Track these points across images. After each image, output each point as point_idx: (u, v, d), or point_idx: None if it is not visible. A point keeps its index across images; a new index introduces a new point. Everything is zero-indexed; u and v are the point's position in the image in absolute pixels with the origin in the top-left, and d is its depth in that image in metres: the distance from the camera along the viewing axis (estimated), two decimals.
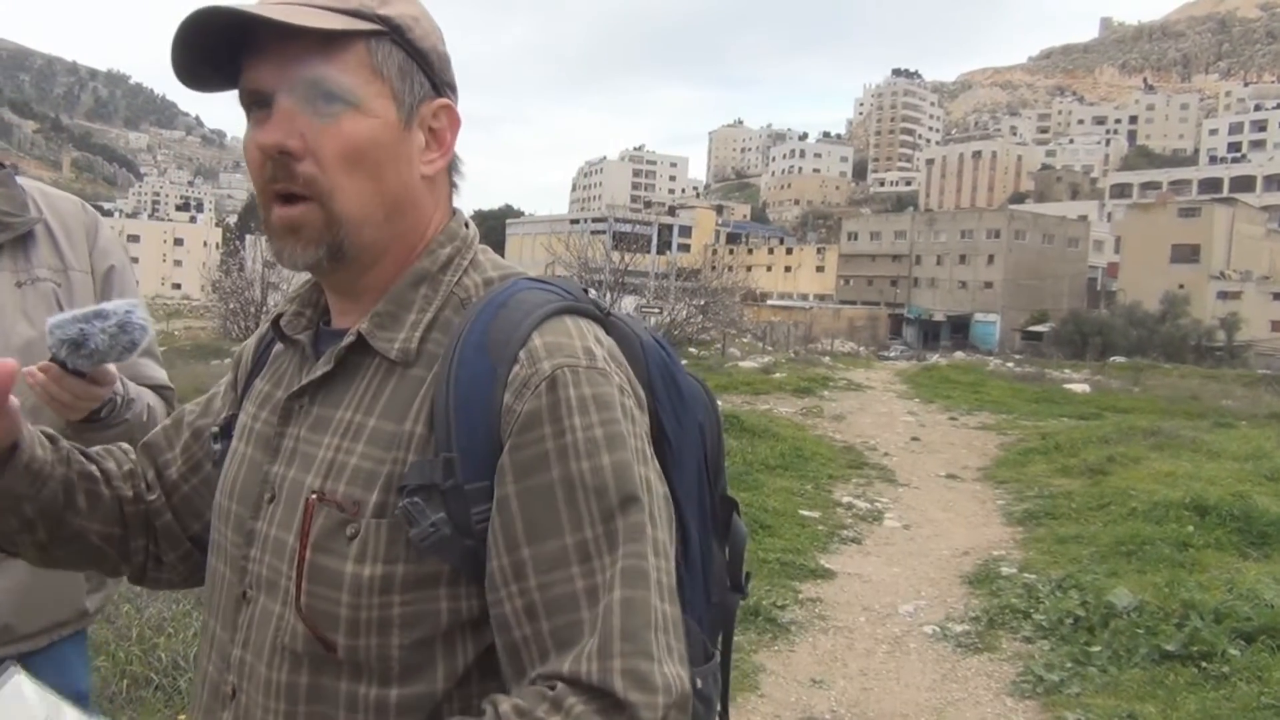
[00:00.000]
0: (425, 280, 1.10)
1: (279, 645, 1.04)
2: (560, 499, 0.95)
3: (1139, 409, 18.90)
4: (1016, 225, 77.96)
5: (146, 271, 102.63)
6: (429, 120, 1.09)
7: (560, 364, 0.98)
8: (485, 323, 1.02)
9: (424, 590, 0.99)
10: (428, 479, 0.97)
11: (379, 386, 1.06)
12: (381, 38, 1.05)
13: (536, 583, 0.94)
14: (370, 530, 1.00)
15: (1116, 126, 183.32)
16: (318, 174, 1.03)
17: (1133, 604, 5.82)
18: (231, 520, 1.14)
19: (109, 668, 3.99)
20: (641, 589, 0.94)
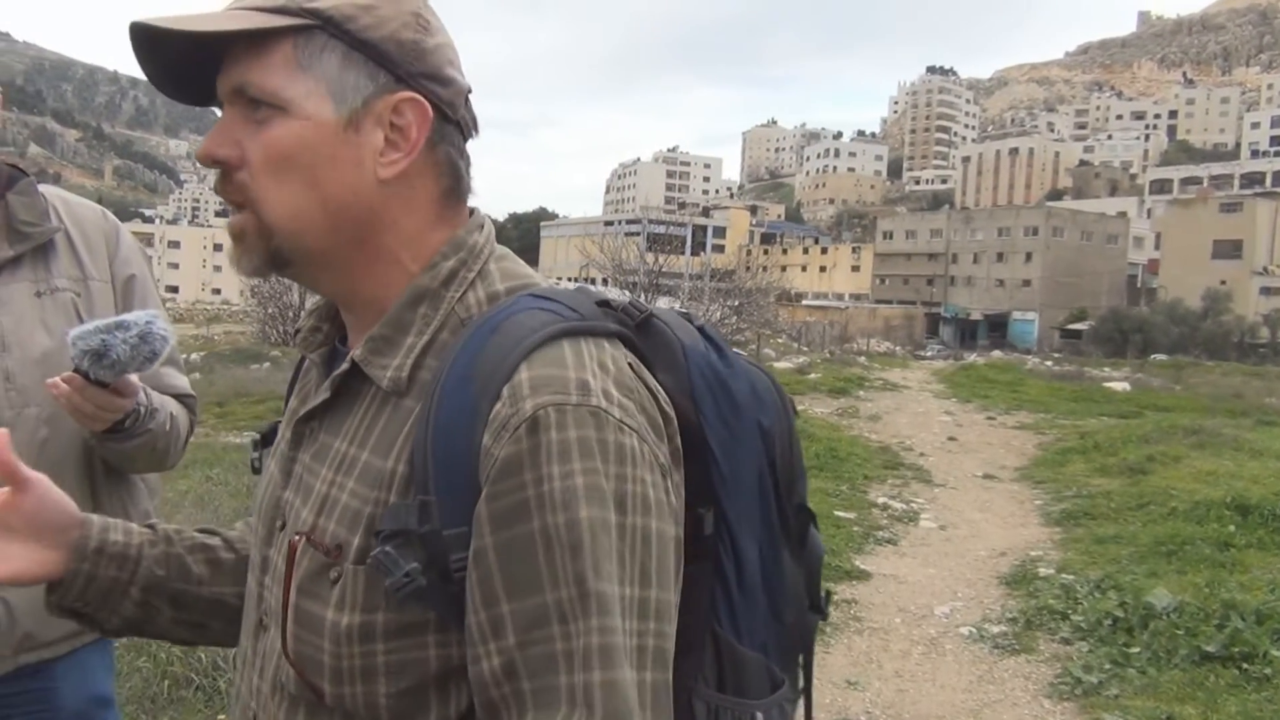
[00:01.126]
0: (425, 298, 1.00)
1: (279, 684, 1.01)
2: (540, 554, 0.86)
3: (1180, 407, 18.67)
4: (1054, 222, 77.19)
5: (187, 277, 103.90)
6: (388, 117, 0.98)
7: (544, 403, 0.88)
8: (474, 351, 0.93)
9: (409, 638, 0.93)
10: (403, 524, 0.90)
11: (374, 417, 0.99)
12: (312, 33, 0.96)
13: (515, 640, 0.87)
14: (350, 576, 0.94)
15: (1156, 121, 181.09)
16: (249, 182, 0.97)
17: (1172, 604, 5.75)
18: (257, 543, 1.10)
19: (150, 668, 4.04)
20: (619, 669, 0.86)
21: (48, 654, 1.79)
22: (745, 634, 1.02)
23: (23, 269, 1.80)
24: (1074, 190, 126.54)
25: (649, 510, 0.90)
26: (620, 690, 0.85)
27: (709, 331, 1.09)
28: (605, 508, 0.88)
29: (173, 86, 1.03)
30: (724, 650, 1.00)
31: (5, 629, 1.73)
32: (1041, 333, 66.31)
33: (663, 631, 0.90)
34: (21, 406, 1.72)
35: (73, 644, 1.83)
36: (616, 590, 0.87)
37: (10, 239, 1.80)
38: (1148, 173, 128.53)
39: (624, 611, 0.87)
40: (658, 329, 1.03)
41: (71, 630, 1.83)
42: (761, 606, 1.04)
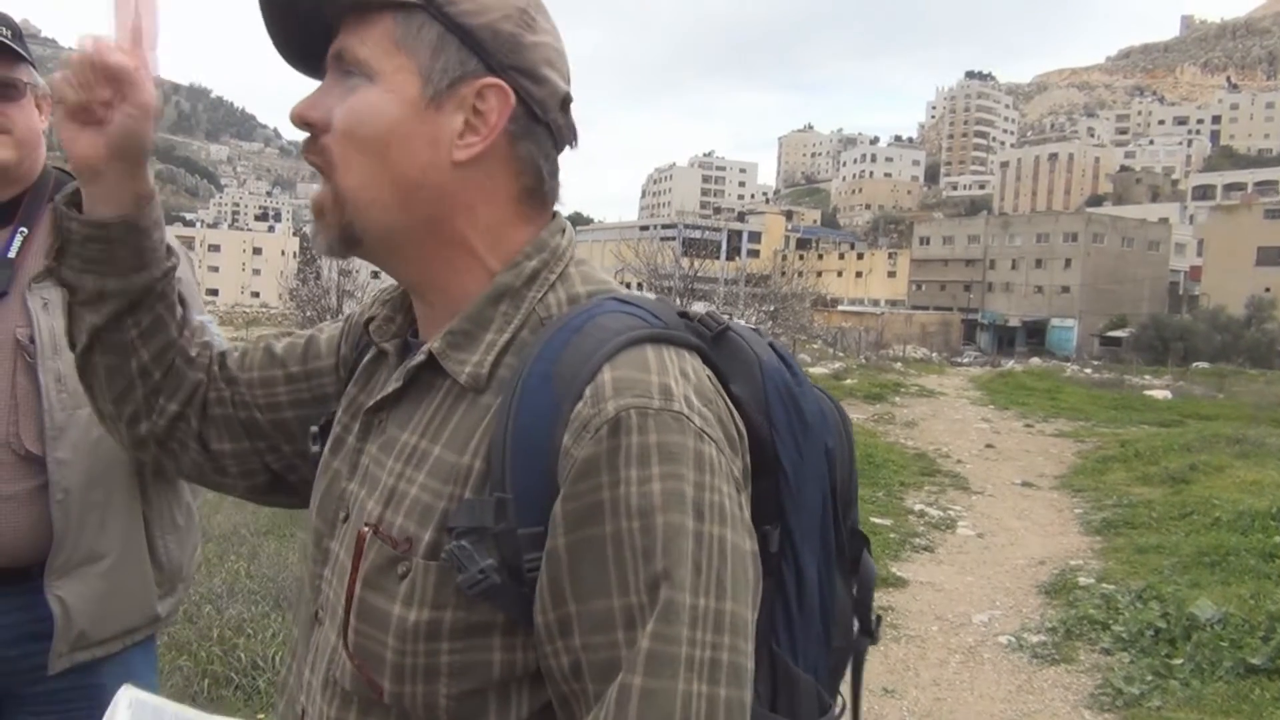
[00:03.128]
0: (507, 296, 1.01)
1: (332, 678, 0.99)
2: (610, 557, 0.86)
3: (1223, 416, 18.41)
4: (1094, 228, 76.44)
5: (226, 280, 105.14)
6: (471, 101, 0.98)
7: (627, 405, 0.87)
8: (556, 350, 0.93)
9: (475, 639, 0.92)
10: (478, 521, 0.90)
11: (448, 411, 0.99)
12: (413, 10, 0.98)
13: (581, 642, 0.87)
14: (419, 571, 0.93)
15: (1199, 127, 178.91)
16: (330, 146, 0.99)
17: (1216, 616, 5.66)
18: (313, 534, 1.10)
19: (191, 667, 4.08)
20: (665, 677, 0.83)
21: (100, 652, 1.82)
22: (800, 655, 1.01)
23: None
24: (1115, 196, 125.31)
25: (726, 521, 0.88)
26: (660, 700, 0.83)
27: (779, 348, 1.08)
28: (684, 514, 0.86)
29: (296, 57, 1.07)
30: (779, 669, 0.99)
31: (62, 627, 1.77)
32: (1081, 340, 65.66)
33: (738, 647, 0.87)
34: (74, 408, 1.74)
35: (123, 643, 1.87)
36: (688, 599, 0.85)
37: None
38: (1190, 178, 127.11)
39: (695, 622, 0.85)
40: (734, 342, 1.02)
41: (121, 630, 1.87)
42: (816, 628, 1.03)
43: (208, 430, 1.23)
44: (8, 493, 1.71)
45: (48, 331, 1.76)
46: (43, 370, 1.75)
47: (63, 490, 1.72)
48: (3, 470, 1.71)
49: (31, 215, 1.84)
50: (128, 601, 1.87)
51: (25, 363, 1.75)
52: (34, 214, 1.84)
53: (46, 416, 1.73)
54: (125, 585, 1.86)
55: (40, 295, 1.79)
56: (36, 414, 1.73)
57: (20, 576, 1.75)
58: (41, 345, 1.75)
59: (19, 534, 1.72)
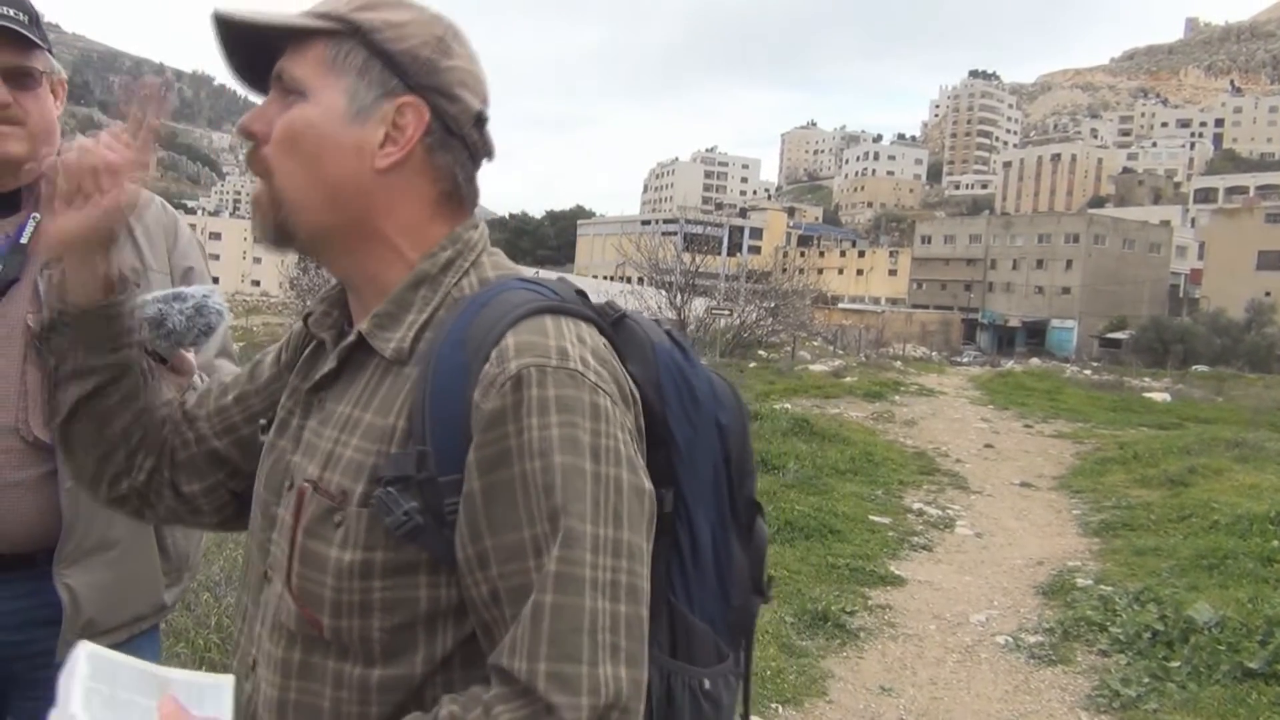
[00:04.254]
0: (425, 282, 1.14)
1: (279, 622, 1.11)
2: (517, 494, 0.99)
3: (1222, 419, 18.40)
4: (1096, 229, 76.41)
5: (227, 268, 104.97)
6: (391, 116, 1.12)
7: (527, 363, 1.01)
8: (466, 321, 1.07)
9: (403, 577, 1.04)
10: (402, 470, 1.03)
11: (377, 384, 1.12)
12: (343, 37, 1.12)
13: (498, 571, 0.99)
14: (353, 518, 1.05)
15: (1202, 130, 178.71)
16: (269, 155, 1.13)
17: (1214, 619, 5.66)
18: (260, 505, 1.22)
19: (188, 654, 4.08)
20: (573, 594, 0.96)
21: (107, 641, 1.81)
22: (697, 606, 1.12)
23: None
24: (1117, 198, 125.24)
25: (620, 462, 1.01)
26: (568, 613, 0.96)
27: (675, 335, 1.21)
28: (580, 456, 0.99)
29: (245, 74, 1.20)
30: (677, 619, 1.11)
31: (70, 615, 1.77)
32: (1080, 341, 65.65)
33: (635, 570, 1.00)
34: None
35: (130, 631, 1.87)
36: (589, 529, 0.98)
37: None
38: (1192, 181, 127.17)
39: (596, 548, 0.98)
40: (630, 327, 1.15)
41: (129, 618, 1.87)
42: (712, 585, 1.14)
43: (178, 476, 1.36)
44: (15, 479, 1.71)
45: None
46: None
47: (73, 479, 1.72)
48: (11, 457, 1.70)
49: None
50: (136, 590, 1.87)
51: (36, 350, 1.74)
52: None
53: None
54: (133, 574, 1.85)
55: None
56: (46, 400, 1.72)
57: (27, 563, 1.75)
58: None
59: (26, 521, 1.72)
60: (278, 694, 1.11)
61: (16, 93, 1.73)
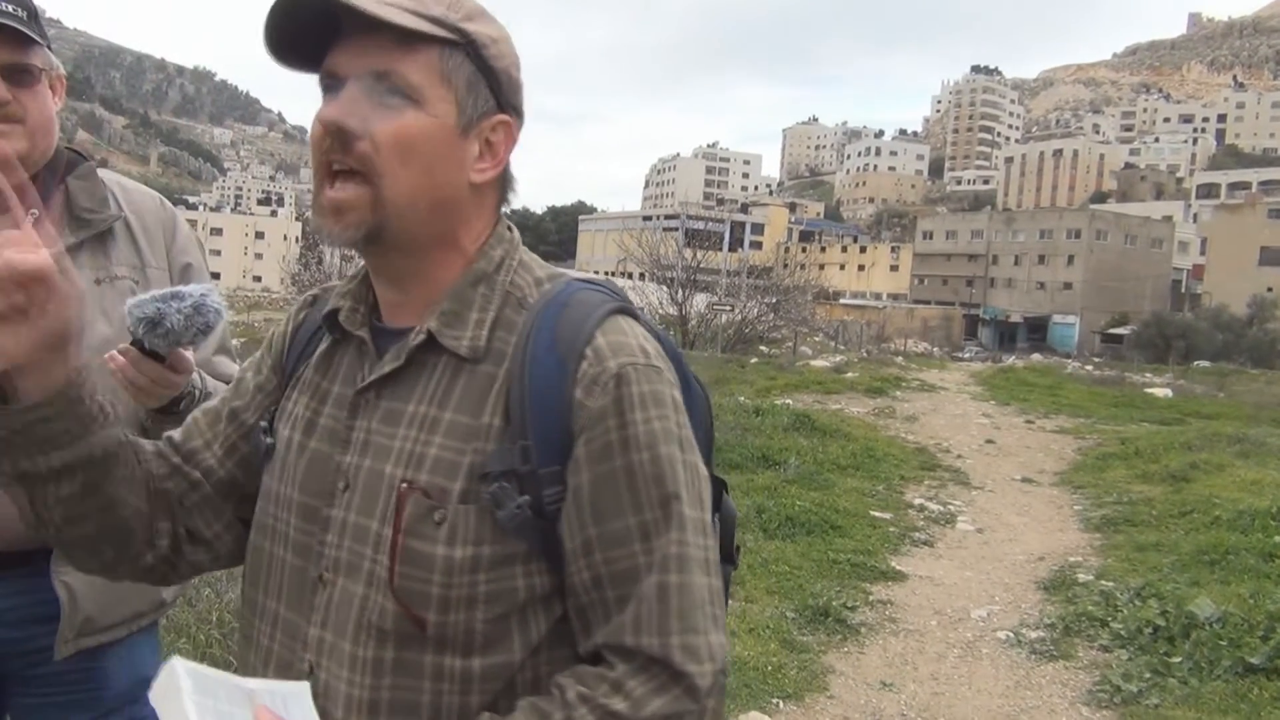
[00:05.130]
0: (482, 280, 1.18)
1: (365, 623, 1.11)
2: (623, 485, 1.07)
3: (1224, 415, 18.38)
4: (1098, 225, 76.34)
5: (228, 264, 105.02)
6: (487, 133, 1.16)
7: (624, 363, 1.09)
8: (551, 322, 1.12)
9: (505, 569, 1.09)
10: (509, 465, 1.08)
11: (449, 382, 1.14)
12: (456, 48, 1.13)
13: (602, 557, 1.08)
14: (459, 515, 1.09)
15: (1204, 125, 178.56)
16: (372, 154, 1.10)
17: (1215, 614, 5.66)
18: (296, 508, 1.19)
19: (189, 650, 4.07)
20: (690, 573, 1.08)
21: (105, 638, 1.82)
22: None
23: (83, 256, 1.81)
24: (1119, 193, 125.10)
25: (694, 450, 1.14)
26: (693, 591, 1.08)
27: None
28: (676, 446, 1.10)
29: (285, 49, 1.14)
30: None
31: (68, 614, 1.76)
32: (1082, 337, 65.63)
33: (714, 546, 1.15)
34: None
35: (129, 629, 1.87)
36: (689, 512, 1.09)
37: (71, 226, 1.81)
38: (1195, 177, 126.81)
39: (697, 530, 1.10)
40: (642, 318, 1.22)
41: (128, 616, 1.86)
42: None
43: (195, 522, 1.28)
44: None
45: None
46: None
47: None
48: None
49: (43, 197, 1.82)
50: (134, 588, 1.85)
51: None
52: (46, 196, 1.82)
53: None
54: None
55: None
56: None
57: (23, 560, 1.75)
58: None
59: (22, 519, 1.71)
60: (368, 694, 1.11)
61: (15, 90, 1.72)
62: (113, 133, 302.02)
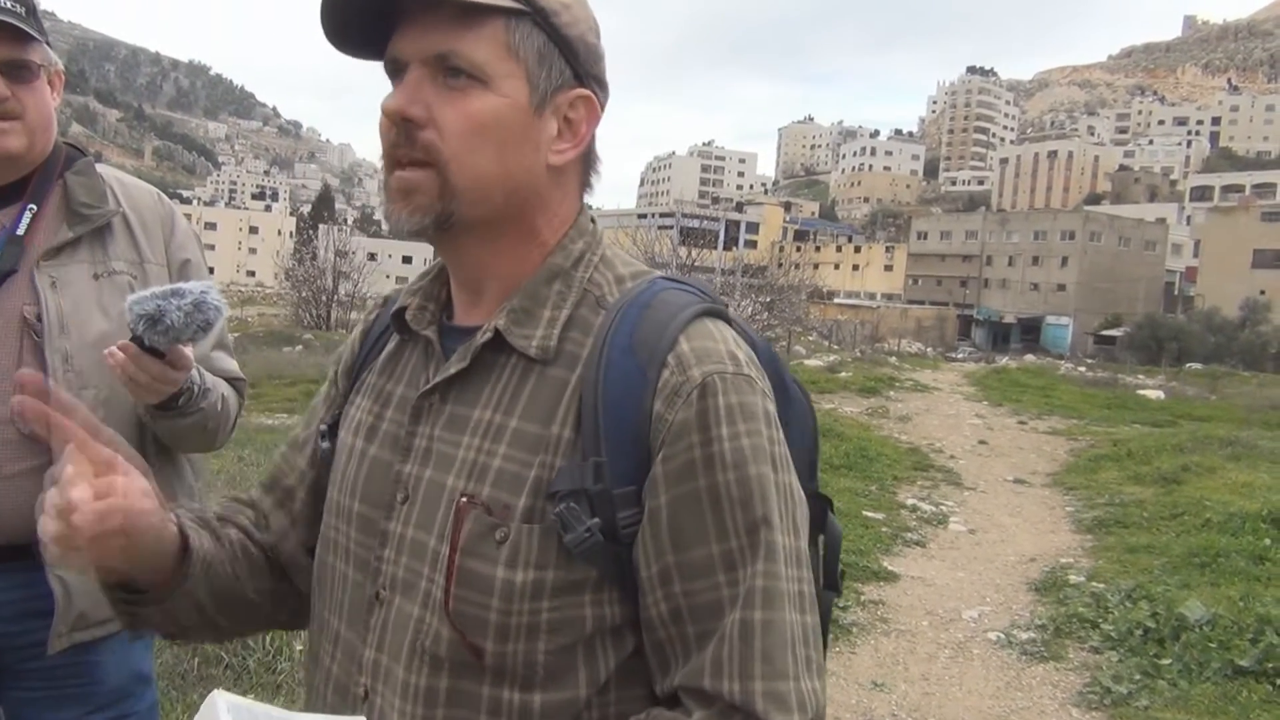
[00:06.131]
0: (559, 276, 1.08)
1: (419, 648, 1.02)
2: (707, 508, 0.96)
3: (1216, 417, 18.44)
4: (1092, 227, 76.42)
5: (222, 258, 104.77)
6: (565, 109, 1.06)
7: (710, 371, 0.98)
8: (631, 324, 1.01)
9: (571, 596, 0.99)
10: (578, 484, 0.97)
11: (517, 385, 1.04)
12: (522, 18, 1.02)
13: (682, 589, 0.96)
14: (522, 535, 0.98)
15: (1198, 128, 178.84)
16: (438, 142, 1.01)
17: (1205, 617, 5.68)
18: (355, 520, 1.12)
19: (181, 646, 4.08)
20: (779, 609, 0.95)
21: (99, 632, 1.82)
22: None
23: (81, 251, 1.82)
24: (1113, 195, 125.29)
25: (790, 469, 1.02)
26: (777, 629, 0.95)
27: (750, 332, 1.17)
28: (767, 465, 0.98)
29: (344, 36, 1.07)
30: None
31: (63, 608, 1.76)
32: (1075, 338, 65.70)
33: (810, 579, 1.01)
34: (79, 388, 1.73)
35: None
36: (781, 540, 0.97)
37: (70, 221, 1.82)
38: (1188, 179, 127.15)
39: (788, 560, 0.98)
40: (739, 326, 1.11)
41: None
42: None
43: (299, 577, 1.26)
44: (10, 471, 1.71)
45: (55, 310, 1.75)
46: (49, 349, 1.73)
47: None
48: (6, 449, 1.70)
49: (41, 192, 1.82)
50: None
51: (32, 341, 1.73)
52: (44, 191, 1.83)
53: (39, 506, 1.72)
54: None
55: (49, 274, 1.77)
56: (41, 394, 1.71)
57: (20, 554, 1.75)
58: (49, 324, 1.74)
59: (20, 513, 1.71)
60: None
61: (14, 86, 1.73)
62: (107, 126, 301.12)
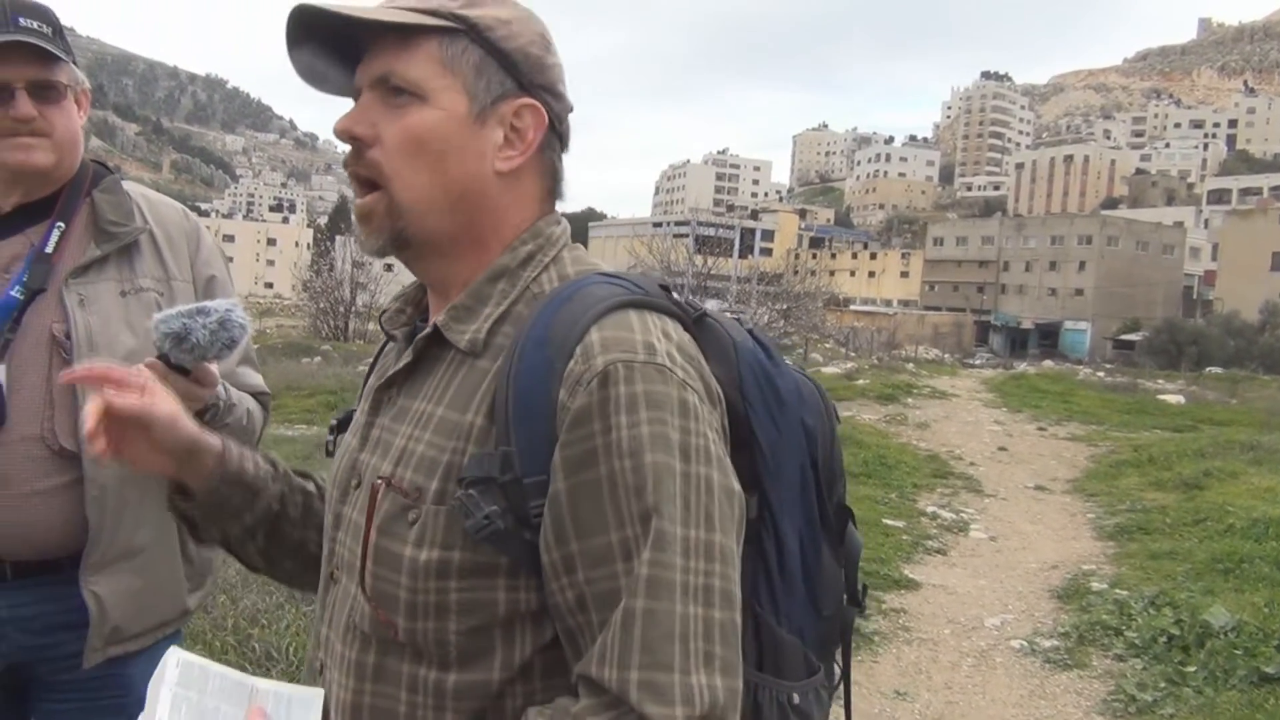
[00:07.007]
0: (504, 276, 1.11)
1: (352, 624, 1.09)
2: (605, 496, 0.96)
3: (1237, 422, 18.28)
4: (1109, 231, 76.13)
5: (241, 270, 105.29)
6: (509, 118, 1.10)
7: (614, 359, 0.97)
8: (548, 317, 1.03)
9: (481, 579, 1.01)
10: (485, 472, 0.99)
11: (450, 377, 1.09)
12: (456, 35, 1.08)
13: (584, 576, 0.96)
14: (429, 516, 1.02)
15: (1215, 130, 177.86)
16: (382, 160, 1.07)
17: (1230, 623, 5.63)
18: (331, 505, 1.20)
19: (205, 657, 4.09)
20: (664, 599, 0.93)
21: (133, 646, 1.84)
22: (784, 617, 1.09)
23: (109, 268, 1.84)
24: (1130, 199, 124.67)
25: (711, 462, 0.98)
26: (661, 620, 0.92)
27: (757, 333, 1.17)
28: (671, 454, 0.96)
29: (312, 75, 1.15)
30: (763, 631, 1.07)
31: (97, 623, 1.78)
32: (1094, 343, 65.40)
33: (727, 574, 0.97)
34: None
35: (154, 637, 1.89)
36: (679, 531, 0.94)
37: (97, 239, 1.83)
38: (1206, 182, 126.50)
39: (687, 551, 0.95)
40: (711, 326, 1.11)
41: (154, 624, 1.88)
42: (800, 594, 1.11)
43: None
44: (42, 487, 1.72)
45: (84, 328, 1.76)
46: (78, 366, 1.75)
47: (98, 487, 1.73)
48: (37, 465, 1.72)
49: (69, 210, 1.84)
50: (160, 596, 1.88)
51: (61, 359, 1.75)
52: (71, 209, 1.84)
53: (81, 413, 1.74)
54: (158, 580, 1.87)
55: (77, 291, 1.79)
56: (71, 410, 1.73)
57: (52, 569, 1.77)
58: (78, 341, 1.76)
59: (52, 528, 1.73)
60: (351, 697, 1.08)
61: (41, 106, 1.75)
62: (125, 140, 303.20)
